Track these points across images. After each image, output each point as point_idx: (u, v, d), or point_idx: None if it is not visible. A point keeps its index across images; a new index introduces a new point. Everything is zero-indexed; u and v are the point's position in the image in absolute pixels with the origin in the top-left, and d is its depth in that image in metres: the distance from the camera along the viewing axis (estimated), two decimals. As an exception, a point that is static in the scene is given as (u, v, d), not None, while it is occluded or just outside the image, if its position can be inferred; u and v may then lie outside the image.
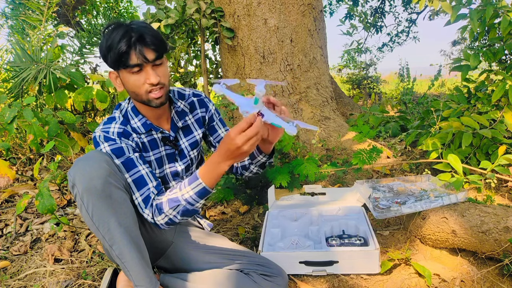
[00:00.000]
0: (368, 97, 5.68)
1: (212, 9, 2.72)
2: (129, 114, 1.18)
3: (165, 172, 1.25)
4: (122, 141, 1.12)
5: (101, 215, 0.99)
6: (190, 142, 1.29)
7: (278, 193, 1.84)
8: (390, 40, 7.69)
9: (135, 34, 1.02)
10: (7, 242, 1.78)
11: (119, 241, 1.01)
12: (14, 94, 2.87)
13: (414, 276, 1.31)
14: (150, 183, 1.10)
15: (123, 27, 1.03)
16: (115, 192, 1.01)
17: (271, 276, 1.21)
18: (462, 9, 2.01)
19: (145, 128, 1.17)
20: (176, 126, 1.25)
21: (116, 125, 1.14)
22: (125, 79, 1.08)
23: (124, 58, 1.03)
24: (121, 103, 1.22)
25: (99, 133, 1.11)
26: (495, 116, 1.95)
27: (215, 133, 1.37)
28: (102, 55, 1.08)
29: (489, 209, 1.36)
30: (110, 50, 1.03)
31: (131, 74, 1.06)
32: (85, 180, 0.98)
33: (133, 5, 6.58)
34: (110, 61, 1.06)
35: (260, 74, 2.72)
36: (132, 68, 1.04)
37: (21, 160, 2.66)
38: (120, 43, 1.01)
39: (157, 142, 1.21)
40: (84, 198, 0.98)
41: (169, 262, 1.30)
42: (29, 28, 3.39)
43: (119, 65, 1.05)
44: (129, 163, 1.09)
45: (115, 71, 1.11)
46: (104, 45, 1.04)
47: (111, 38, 1.02)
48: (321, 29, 2.95)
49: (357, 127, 2.69)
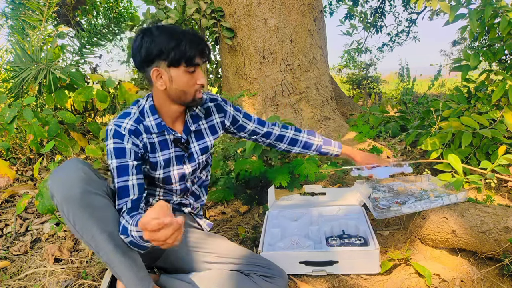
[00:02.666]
0: (368, 97, 5.67)
1: (212, 9, 2.72)
2: (146, 111, 1.19)
3: (171, 173, 1.25)
4: (130, 140, 1.12)
5: (83, 223, 1.00)
6: (201, 147, 1.30)
7: (278, 193, 1.84)
8: (390, 40, 7.69)
9: (202, 38, 1.12)
10: (7, 242, 1.78)
11: (104, 247, 1.02)
12: (14, 94, 2.88)
13: (414, 276, 1.31)
14: (132, 195, 1.09)
15: (185, 31, 1.10)
16: (95, 199, 1.02)
17: (271, 278, 1.21)
18: (461, 9, 2.01)
19: (158, 129, 1.18)
20: (189, 129, 1.26)
21: (130, 121, 1.15)
22: (178, 77, 1.11)
23: (192, 57, 1.08)
24: (139, 99, 1.23)
25: (111, 126, 1.13)
26: (495, 116, 1.94)
27: (245, 129, 1.42)
28: (153, 53, 1.08)
29: (489, 209, 1.36)
30: (176, 49, 1.06)
31: (186, 74, 1.11)
32: (63, 189, 0.99)
33: (133, 5, 6.59)
34: (172, 58, 1.07)
35: (260, 74, 2.72)
36: (193, 67, 1.10)
37: (21, 160, 2.66)
38: (193, 44, 1.08)
39: (168, 143, 1.22)
40: (64, 208, 0.99)
41: (168, 263, 1.30)
42: (29, 28, 3.39)
43: (180, 63, 1.08)
44: (123, 169, 1.10)
45: (162, 69, 1.10)
46: (162, 44, 1.06)
47: (177, 39, 1.06)
48: (321, 29, 2.95)
49: (357, 127, 2.69)
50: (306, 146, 1.50)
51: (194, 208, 1.39)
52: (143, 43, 1.08)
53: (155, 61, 1.09)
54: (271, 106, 2.72)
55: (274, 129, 1.46)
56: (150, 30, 1.09)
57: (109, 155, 1.11)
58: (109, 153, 1.11)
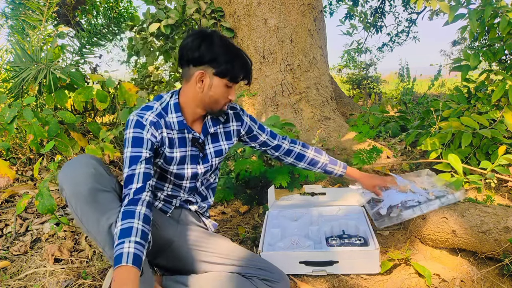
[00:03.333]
0: (368, 97, 5.67)
1: (212, 9, 2.72)
2: (170, 108, 1.22)
3: (185, 171, 1.27)
4: (150, 131, 1.15)
5: (90, 218, 1.03)
6: (215, 149, 1.33)
7: (278, 193, 1.84)
8: (390, 40, 7.70)
9: (250, 63, 1.23)
10: (7, 242, 1.78)
11: (110, 242, 1.03)
12: (14, 94, 2.87)
13: (414, 276, 1.31)
14: (135, 183, 1.09)
15: (242, 53, 1.20)
16: (102, 195, 1.04)
17: (272, 281, 1.19)
18: (461, 9, 2.01)
19: (179, 126, 1.21)
20: (207, 131, 1.29)
21: (152, 114, 1.18)
22: (218, 87, 1.18)
23: (238, 75, 1.19)
24: (162, 94, 1.26)
25: (133, 116, 1.16)
26: (495, 116, 1.95)
27: (257, 139, 1.47)
28: (207, 57, 1.14)
29: (489, 209, 1.36)
30: (229, 64, 1.15)
31: (225, 87, 1.18)
32: (72, 185, 1.03)
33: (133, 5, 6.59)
34: (222, 69, 1.15)
35: (260, 74, 2.73)
36: (234, 83, 1.20)
37: (21, 160, 2.66)
38: (244, 68, 1.19)
39: (186, 141, 1.25)
40: (72, 202, 1.03)
41: (169, 261, 1.30)
42: (29, 28, 3.39)
43: (225, 76, 1.16)
44: (135, 159, 1.11)
45: (207, 74, 1.16)
46: (219, 53, 1.14)
47: (233, 55, 1.16)
48: (321, 29, 2.95)
49: (357, 127, 2.69)
50: (312, 162, 1.54)
51: (200, 207, 1.40)
52: (201, 45, 1.13)
53: (204, 65, 1.15)
54: (271, 106, 2.72)
55: (284, 143, 1.51)
56: (211, 36, 1.15)
57: (126, 144, 1.14)
58: (126, 141, 1.14)
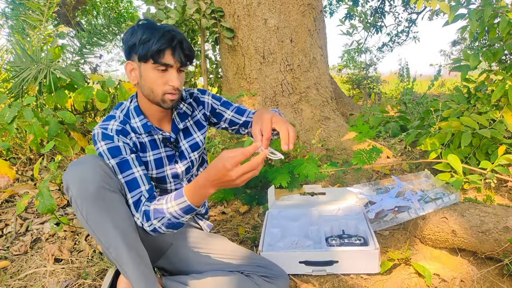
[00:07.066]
0: (368, 97, 5.67)
1: (212, 9, 2.72)
2: (131, 113, 1.18)
3: (166, 173, 1.25)
4: (120, 139, 1.12)
5: (96, 219, 1.01)
6: (190, 144, 1.30)
7: (278, 193, 1.84)
8: (390, 40, 7.70)
9: (178, 37, 1.08)
10: (7, 242, 1.78)
11: (115, 244, 1.02)
12: (14, 94, 2.87)
13: (414, 276, 1.31)
14: (143, 186, 1.09)
15: (163, 28, 1.08)
16: (109, 196, 1.02)
17: (272, 278, 1.20)
18: (460, 9, 2.01)
19: (145, 129, 1.18)
20: (177, 128, 1.26)
21: (116, 122, 1.15)
22: (146, 73, 1.10)
23: (159, 54, 1.06)
24: (122, 102, 1.22)
25: (97, 130, 1.12)
26: (494, 116, 1.95)
27: (222, 117, 1.36)
28: (129, 45, 1.09)
29: (489, 209, 1.36)
30: (145, 43, 1.05)
31: (155, 71, 1.08)
32: (79, 185, 1.00)
33: (133, 5, 6.59)
34: (140, 52, 1.06)
35: (260, 74, 2.72)
36: (161, 65, 1.07)
37: (21, 160, 2.66)
38: (162, 39, 1.05)
39: (157, 142, 1.22)
40: (78, 202, 1.00)
41: (169, 263, 1.30)
42: (29, 28, 3.39)
43: (147, 58, 1.07)
44: (124, 164, 1.09)
45: (134, 63, 1.11)
46: (137, 37, 1.06)
47: (149, 33, 1.05)
48: (321, 29, 2.95)
49: (357, 127, 2.69)
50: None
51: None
52: (125, 36, 1.11)
53: (131, 55, 1.11)
54: (271, 106, 2.72)
55: (252, 118, 1.36)
56: (133, 26, 1.11)
57: (105, 157, 1.09)
58: (104, 156, 1.09)
